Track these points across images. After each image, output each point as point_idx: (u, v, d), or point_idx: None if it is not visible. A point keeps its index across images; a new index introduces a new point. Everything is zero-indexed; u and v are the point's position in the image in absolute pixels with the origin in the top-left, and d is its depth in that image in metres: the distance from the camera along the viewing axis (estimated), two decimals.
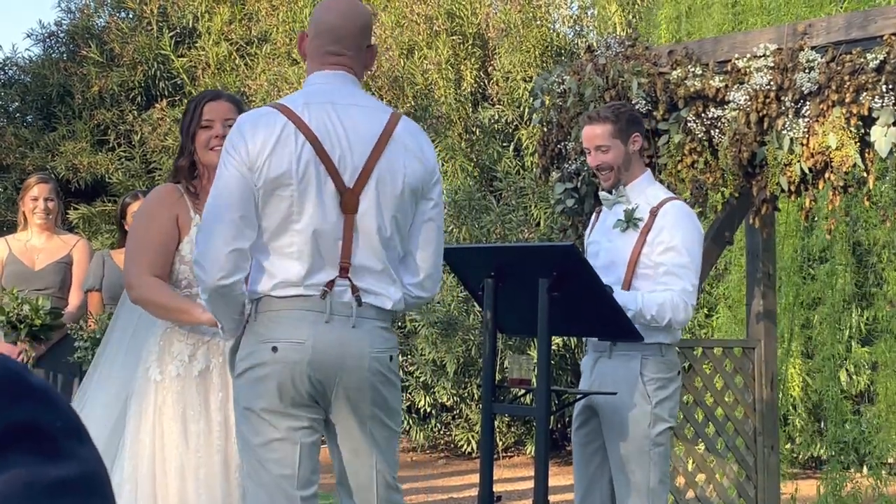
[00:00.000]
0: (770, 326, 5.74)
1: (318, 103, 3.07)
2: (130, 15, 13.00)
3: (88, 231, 11.21)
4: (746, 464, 5.54)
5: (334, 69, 3.16)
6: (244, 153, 2.98)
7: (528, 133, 10.51)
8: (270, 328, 3.02)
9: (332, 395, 3.04)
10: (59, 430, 0.93)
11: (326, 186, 3.02)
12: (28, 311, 5.05)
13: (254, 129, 3.01)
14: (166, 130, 11.51)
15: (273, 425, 3.01)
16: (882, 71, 4.51)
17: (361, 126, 3.08)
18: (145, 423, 3.42)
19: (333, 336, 3.01)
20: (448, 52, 11.20)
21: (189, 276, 3.46)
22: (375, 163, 3.06)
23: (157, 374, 3.44)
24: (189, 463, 3.36)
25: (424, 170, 3.16)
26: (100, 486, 0.94)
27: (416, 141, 3.18)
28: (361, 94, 3.20)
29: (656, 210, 4.17)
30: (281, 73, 11.37)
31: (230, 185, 2.98)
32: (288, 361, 2.99)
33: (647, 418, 4.07)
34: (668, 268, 4.07)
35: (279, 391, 2.99)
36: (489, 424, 3.85)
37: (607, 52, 5.40)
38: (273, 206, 3.00)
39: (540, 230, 9.83)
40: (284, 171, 2.98)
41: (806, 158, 4.66)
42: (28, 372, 0.96)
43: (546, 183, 5.64)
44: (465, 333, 9.46)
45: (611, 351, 4.16)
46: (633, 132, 4.25)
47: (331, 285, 3.02)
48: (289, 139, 3.00)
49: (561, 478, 9.18)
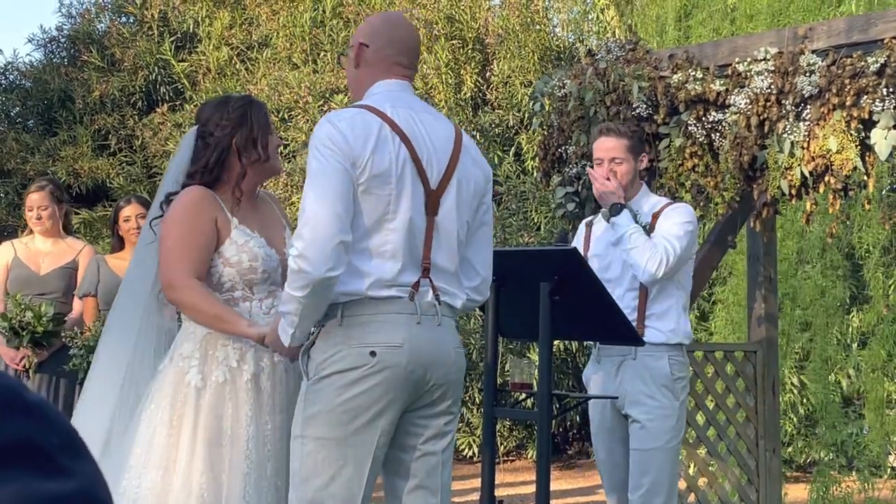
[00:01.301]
0: (771, 330, 5.74)
1: (401, 108, 3.12)
2: (131, 20, 13.02)
3: (90, 236, 11.20)
4: (748, 467, 5.53)
5: (400, 78, 3.22)
6: (346, 149, 2.97)
7: (529, 137, 10.51)
8: (363, 332, 3.01)
9: (423, 391, 3.09)
10: (56, 446, 0.93)
11: (417, 187, 3.07)
12: (31, 318, 5.05)
13: (351, 126, 3.01)
14: (167, 135, 11.52)
15: (357, 429, 3.00)
16: (883, 74, 4.51)
17: (439, 132, 3.16)
18: (184, 432, 3.31)
19: (425, 337, 3.06)
20: (448, 56, 11.21)
21: (235, 278, 3.40)
22: (455, 166, 3.15)
23: (199, 379, 3.34)
24: (238, 468, 3.31)
25: (485, 177, 3.27)
26: (97, 502, 0.93)
27: (477, 150, 3.30)
28: (427, 105, 3.31)
29: (658, 213, 4.34)
30: (281, 78, 11.38)
31: (333, 179, 2.95)
32: (387, 365, 3.00)
33: (675, 415, 4.28)
34: (664, 232, 4.25)
35: (374, 394, 2.99)
36: (491, 428, 3.85)
37: (608, 56, 5.40)
38: (370, 205, 3.01)
39: (540, 234, 9.84)
40: (386, 168, 3.01)
41: (807, 162, 4.66)
42: (24, 388, 0.96)
43: (546, 187, 5.64)
44: (466, 337, 9.47)
45: (636, 353, 4.26)
46: (642, 151, 4.46)
47: (416, 286, 3.06)
48: (387, 138, 3.03)
49: (563, 482, 9.18)
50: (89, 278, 5.37)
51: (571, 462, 10.28)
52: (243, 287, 3.40)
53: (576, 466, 10.12)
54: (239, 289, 3.40)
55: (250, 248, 3.41)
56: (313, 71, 11.65)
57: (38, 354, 5.22)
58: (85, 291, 5.36)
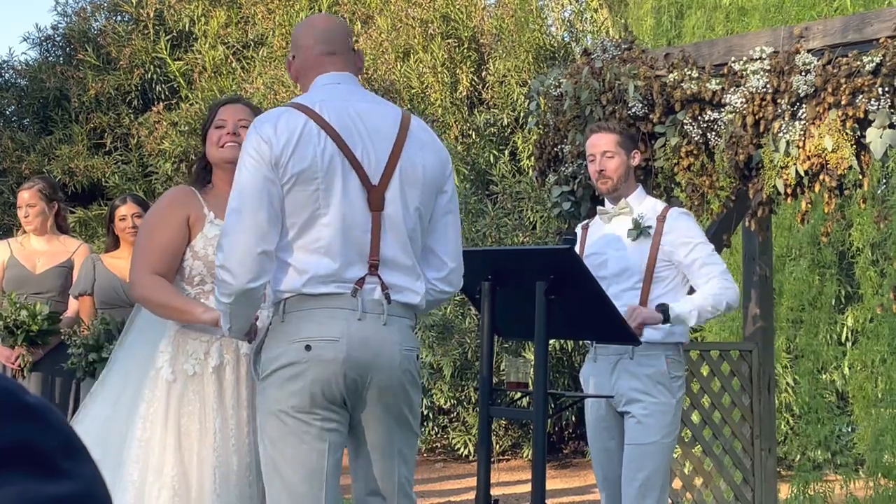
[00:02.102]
0: (767, 329, 5.75)
1: (333, 102, 3.10)
2: (127, 18, 13.00)
3: (85, 235, 11.20)
4: (744, 467, 5.54)
5: (338, 70, 3.20)
6: (266, 152, 2.98)
7: (524, 136, 10.51)
8: (301, 327, 3.00)
9: (364, 393, 3.04)
10: (55, 448, 0.92)
11: (351, 181, 3.03)
12: (25, 317, 5.04)
13: (274, 127, 3.01)
14: (163, 134, 11.51)
15: (304, 423, 2.99)
16: (878, 73, 4.52)
17: (378, 122, 3.11)
18: (156, 425, 3.40)
19: (367, 333, 3.01)
20: (443, 55, 11.21)
21: (203, 271, 3.48)
22: (398, 158, 3.09)
23: (170, 374, 3.42)
24: (207, 460, 3.36)
25: (440, 162, 3.20)
26: (98, 502, 0.93)
27: (429, 135, 3.23)
28: (369, 94, 3.26)
29: (662, 217, 4.38)
30: (277, 77, 11.37)
31: (253, 187, 2.97)
32: (322, 359, 2.98)
33: (671, 412, 4.31)
34: (702, 259, 4.31)
35: (312, 390, 2.98)
36: (486, 428, 3.85)
37: (603, 55, 5.41)
38: (299, 202, 3.00)
39: (536, 234, 9.84)
40: (309, 164, 2.99)
41: (802, 161, 4.66)
42: (23, 390, 0.96)
43: (542, 186, 5.64)
44: (461, 337, 9.46)
45: (633, 351, 4.29)
46: (633, 148, 4.51)
47: (361, 283, 3.03)
48: (311, 135, 3.01)
49: (558, 481, 9.19)
50: (85, 277, 5.36)
51: (567, 461, 10.28)
52: (212, 280, 3.44)
53: (571, 465, 10.13)
54: (208, 282, 3.46)
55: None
56: None
57: (33, 353, 5.21)
58: (81, 290, 5.35)
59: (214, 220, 3.50)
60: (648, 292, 4.32)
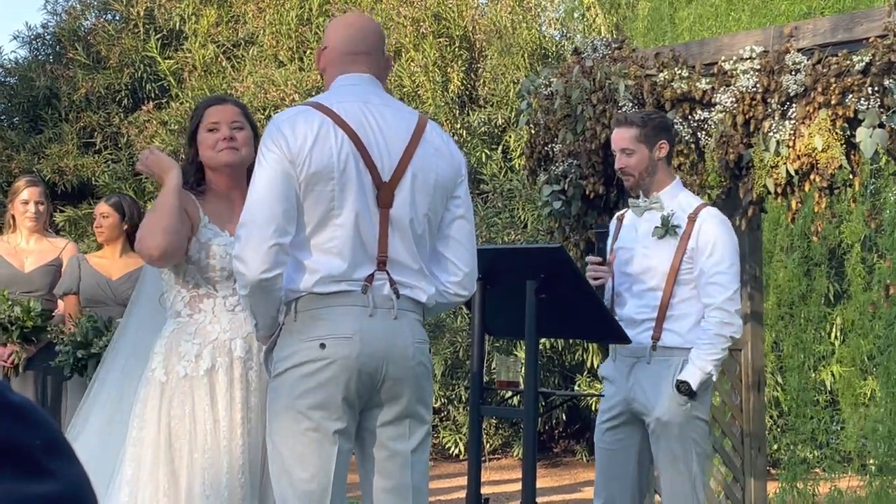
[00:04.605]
0: (757, 328, 5.76)
1: (351, 101, 3.12)
2: (117, 17, 12.96)
3: (74, 234, 11.17)
4: (734, 465, 5.55)
5: (360, 71, 3.22)
6: (285, 148, 3.00)
7: (516, 135, 10.52)
8: (314, 325, 3.02)
9: (379, 387, 3.06)
10: (39, 447, 0.92)
11: (365, 180, 3.05)
12: (19, 313, 5.04)
13: (292, 125, 3.03)
14: (153, 133, 11.48)
15: (314, 422, 3.00)
16: (868, 73, 4.53)
17: (394, 124, 3.13)
18: (150, 426, 3.40)
19: (379, 329, 3.03)
20: (435, 54, 11.21)
21: (196, 275, 3.44)
22: (410, 159, 3.11)
23: (163, 375, 3.41)
24: (196, 463, 3.36)
25: (452, 169, 3.21)
26: (83, 502, 0.93)
27: (444, 141, 3.25)
28: (388, 96, 3.28)
29: (694, 216, 4.22)
30: (267, 76, 11.35)
31: (273, 180, 2.98)
32: (337, 357, 2.99)
33: (690, 416, 4.17)
34: (710, 276, 4.15)
35: (327, 388, 2.99)
36: (477, 426, 3.85)
37: (594, 54, 5.41)
38: (314, 201, 3.01)
39: (527, 232, 9.84)
40: (326, 164, 3.01)
41: (792, 160, 4.68)
42: (8, 389, 0.95)
43: (533, 185, 5.64)
44: (452, 335, 9.47)
45: (650, 356, 4.20)
46: (660, 139, 4.28)
47: (370, 279, 3.04)
48: (328, 134, 3.03)
49: (549, 479, 9.20)
50: (70, 276, 5.36)
51: (557, 460, 10.29)
52: (207, 284, 3.44)
53: (562, 464, 10.14)
54: (203, 286, 3.44)
55: (210, 245, 3.43)
56: (299, 69, 11.63)
57: (26, 350, 5.20)
58: (66, 289, 5.34)
59: (209, 223, 3.47)
60: (671, 295, 4.19)
